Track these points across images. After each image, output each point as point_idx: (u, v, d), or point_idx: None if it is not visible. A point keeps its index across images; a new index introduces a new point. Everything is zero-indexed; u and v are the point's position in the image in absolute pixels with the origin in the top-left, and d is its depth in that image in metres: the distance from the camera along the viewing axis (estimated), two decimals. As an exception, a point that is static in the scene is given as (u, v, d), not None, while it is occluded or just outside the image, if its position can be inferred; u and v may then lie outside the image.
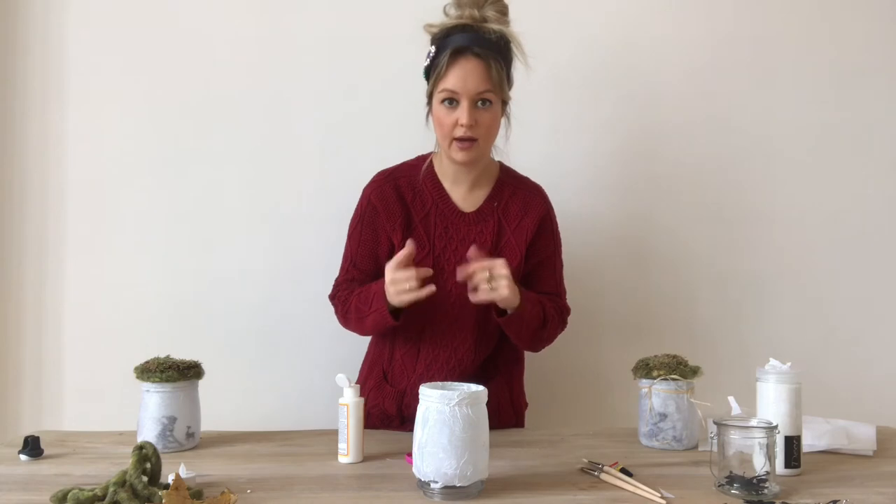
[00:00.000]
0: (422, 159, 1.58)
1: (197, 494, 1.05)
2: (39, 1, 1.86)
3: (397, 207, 1.52)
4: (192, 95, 1.88)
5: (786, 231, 1.98)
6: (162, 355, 1.44)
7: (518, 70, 1.49)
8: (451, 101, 1.42)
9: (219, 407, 1.68)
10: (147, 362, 1.40)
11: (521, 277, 1.54)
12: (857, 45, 1.99)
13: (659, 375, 1.40)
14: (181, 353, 1.46)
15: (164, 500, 0.97)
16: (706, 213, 1.97)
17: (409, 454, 1.27)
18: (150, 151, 1.88)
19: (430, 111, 1.49)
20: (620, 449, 1.39)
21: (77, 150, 1.87)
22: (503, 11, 1.45)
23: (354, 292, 1.50)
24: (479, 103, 1.42)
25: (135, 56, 1.87)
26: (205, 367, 1.44)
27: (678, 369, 1.39)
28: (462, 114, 1.40)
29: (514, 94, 1.51)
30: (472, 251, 1.39)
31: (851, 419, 1.52)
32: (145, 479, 1.03)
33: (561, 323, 1.59)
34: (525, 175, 1.61)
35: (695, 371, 1.41)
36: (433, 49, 1.44)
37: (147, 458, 1.05)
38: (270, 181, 1.89)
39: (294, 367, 1.90)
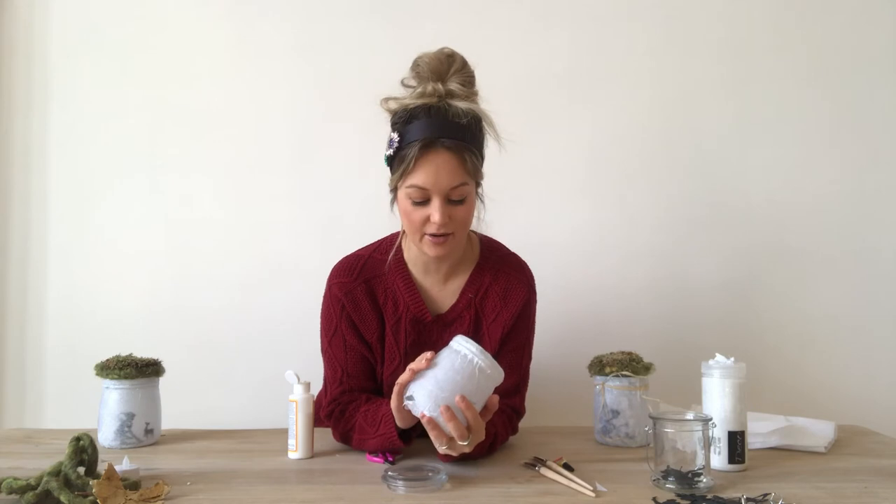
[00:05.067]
0: (389, 244, 1.42)
1: (133, 486, 1.07)
2: (23, 6, 1.92)
3: (371, 314, 1.38)
4: (169, 103, 1.91)
5: (772, 232, 1.95)
6: (140, 356, 1.46)
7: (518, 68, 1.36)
8: (421, 196, 1.27)
9: (197, 406, 1.72)
10: (107, 360, 1.44)
11: None
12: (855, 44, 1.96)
13: (611, 372, 1.40)
14: (162, 355, 1.50)
15: (94, 490, 1.00)
16: (692, 215, 1.94)
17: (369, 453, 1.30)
18: (129, 158, 1.91)
19: (394, 198, 1.33)
20: (573, 446, 1.39)
21: (58, 156, 1.91)
22: (469, 81, 1.28)
23: (360, 409, 1.35)
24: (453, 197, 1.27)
25: (115, 65, 1.91)
26: (183, 367, 1.46)
27: (630, 366, 1.39)
28: (434, 212, 1.25)
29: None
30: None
31: (836, 419, 1.51)
32: (81, 469, 1.06)
33: (509, 435, 1.40)
34: (510, 250, 1.46)
35: (647, 368, 1.41)
36: (396, 137, 1.26)
37: (84, 450, 1.07)
38: (245, 187, 1.91)
39: (272, 369, 1.92)
